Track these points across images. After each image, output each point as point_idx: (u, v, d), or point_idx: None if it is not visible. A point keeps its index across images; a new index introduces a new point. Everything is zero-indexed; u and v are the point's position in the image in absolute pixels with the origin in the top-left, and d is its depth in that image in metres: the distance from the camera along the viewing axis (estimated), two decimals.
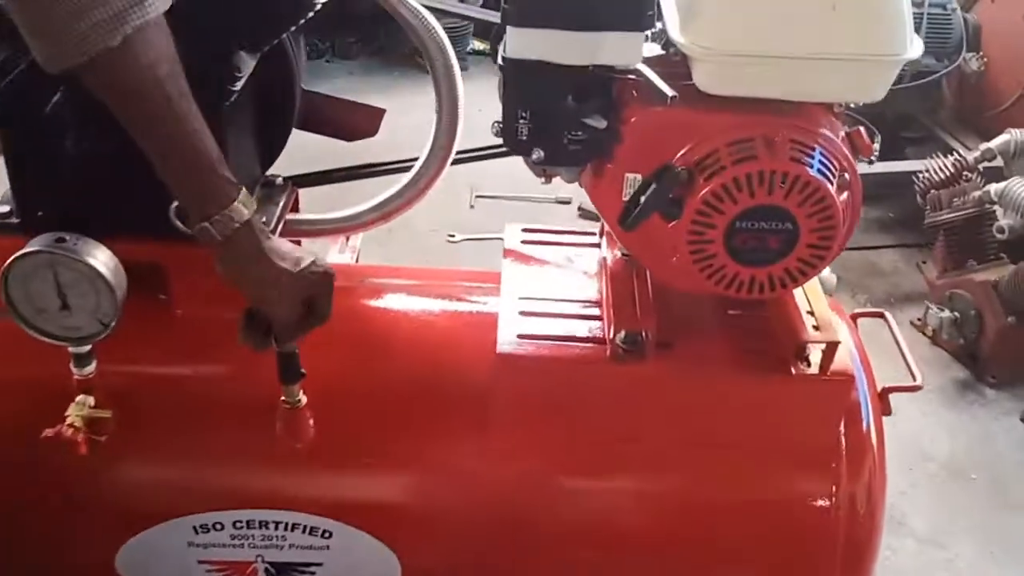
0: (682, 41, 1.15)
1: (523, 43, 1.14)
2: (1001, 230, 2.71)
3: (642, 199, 1.18)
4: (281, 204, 1.46)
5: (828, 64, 1.14)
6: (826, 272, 3.32)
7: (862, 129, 1.28)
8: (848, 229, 1.27)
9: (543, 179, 1.29)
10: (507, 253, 1.55)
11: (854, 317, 1.63)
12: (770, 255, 1.21)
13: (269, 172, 1.50)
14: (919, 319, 3.00)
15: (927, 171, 3.03)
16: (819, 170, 1.18)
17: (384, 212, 1.47)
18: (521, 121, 1.19)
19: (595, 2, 1.11)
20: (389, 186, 1.47)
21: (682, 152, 1.20)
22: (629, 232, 1.21)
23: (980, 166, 2.98)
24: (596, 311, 1.41)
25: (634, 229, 1.20)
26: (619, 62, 1.15)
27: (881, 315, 1.65)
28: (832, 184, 1.18)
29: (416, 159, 1.45)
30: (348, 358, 1.40)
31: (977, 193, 2.82)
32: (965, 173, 2.95)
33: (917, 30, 3.50)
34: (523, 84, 1.17)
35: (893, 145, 3.76)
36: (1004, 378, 2.81)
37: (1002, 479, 2.51)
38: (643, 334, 1.33)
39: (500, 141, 1.24)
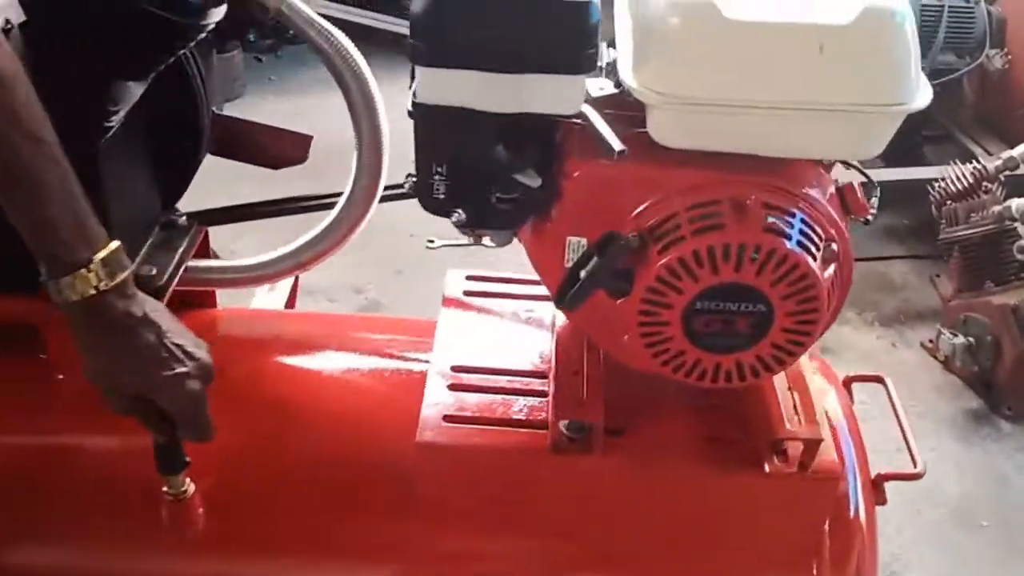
0: (634, 85, 0.93)
1: (437, 87, 0.93)
2: (1022, 250, 2.48)
3: (582, 274, 0.97)
4: (181, 249, 1.26)
5: (813, 116, 0.92)
6: None
7: (856, 184, 1.06)
8: (835, 309, 1.05)
9: (471, 239, 1.08)
10: (446, 303, 1.34)
11: (847, 382, 1.42)
12: (738, 340, 1.01)
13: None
14: (931, 340, 2.78)
15: (943, 180, 2.79)
16: (799, 242, 0.96)
17: (299, 261, 1.27)
18: (437, 177, 0.98)
19: (523, 40, 0.89)
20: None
21: (633, 215, 1.00)
22: (568, 312, 1.00)
23: (1001, 176, 2.74)
24: (541, 384, 1.20)
25: (573, 309, 0.99)
26: (554, 110, 0.94)
27: (880, 380, 1.43)
28: (815, 258, 0.97)
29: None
30: (251, 431, 1.21)
31: (997, 208, 2.58)
32: (984, 184, 2.71)
33: (937, 24, 3.28)
34: (439, 134, 0.96)
35: (910, 144, 3.52)
36: (1021, 410, 2.59)
37: (1015, 526, 2.30)
38: (591, 419, 1.12)
39: None
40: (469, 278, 1.38)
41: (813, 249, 0.97)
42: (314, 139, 1.40)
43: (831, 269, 1.00)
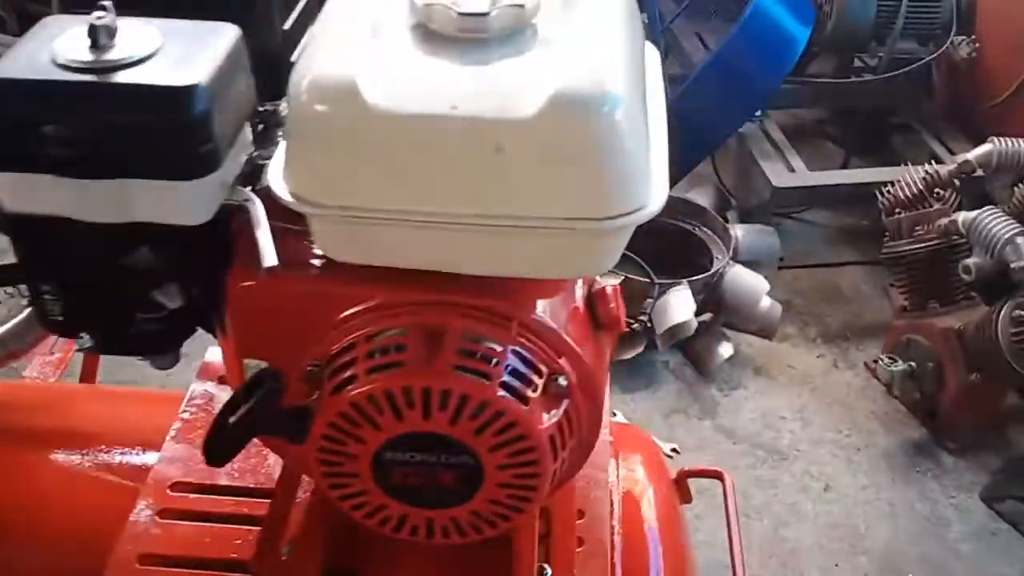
0: (279, 194, 0.72)
1: (17, 192, 0.72)
2: (967, 270, 2.23)
3: (231, 420, 0.77)
4: None
5: (496, 232, 0.71)
6: (767, 301, 2.86)
7: (611, 288, 0.85)
8: (582, 448, 0.84)
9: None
10: (196, 387, 1.15)
11: (681, 478, 1.21)
12: (447, 496, 0.80)
13: None
14: (876, 360, 2.54)
15: (893, 185, 2.53)
16: (505, 382, 0.75)
17: (7, 351, 1.07)
18: (48, 297, 0.77)
19: (102, 137, 0.68)
20: None
21: (312, 342, 0.79)
22: (217, 467, 0.80)
23: (956, 181, 2.48)
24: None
25: (221, 465, 0.79)
26: (168, 219, 0.73)
27: (718, 476, 1.22)
28: (526, 401, 0.76)
29: None
30: None
31: (943, 221, 2.33)
32: (936, 190, 2.45)
33: (897, 6, 3.01)
34: (36, 247, 0.75)
35: (876, 135, 3.26)
36: (966, 444, 2.36)
37: None
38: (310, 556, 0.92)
39: None
40: None
41: (527, 390, 0.76)
42: None
43: (561, 407, 0.79)
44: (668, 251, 2.70)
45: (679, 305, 2.48)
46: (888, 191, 2.55)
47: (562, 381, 0.78)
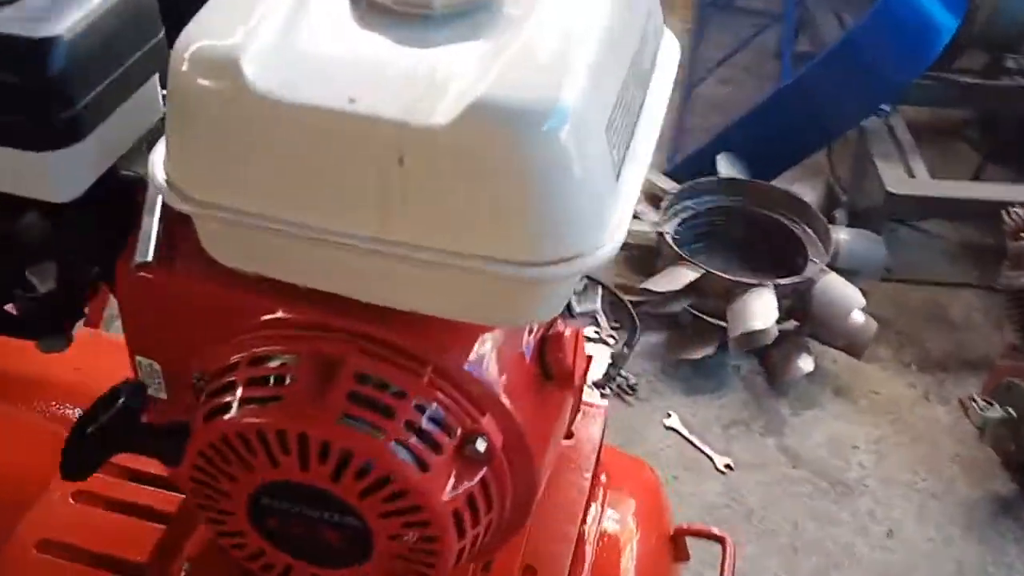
0: (155, 177, 0.59)
1: None
2: None
3: (89, 430, 0.66)
4: None
5: (390, 260, 0.56)
6: (861, 316, 2.60)
7: (569, 332, 0.69)
8: (509, 523, 0.70)
9: None
10: None
11: (678, 535, 1.05)
12: (333, 555, 0.67)
13: None
14: (972, 398, 2.28)
15: (1023, 206, 2.24)
16: (405, 441, 0.61)
17: None
18: None
19: None
20: None
21: (197, 351, 0.67)
22: (73, 481, 0.69)
23: None
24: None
25: (81, 479, 0.68)
26: (28, 192, 0.61)
27: (720, 540, 1.05)
28: (426, 467, 0.62)
29: None
30: None
31: None
32: None
33: None
34: None
35: (1019, 146, 2.92)
36: None
37: None
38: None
39: None
40: None
41: (430, 453, 0.62)
42: None
43: (476, 476, 0.65)
44: (760, 245, 2.49)
45: (760, 309, 2.27)
46: (1016, 212, 2.25)
47: (480, 445, 0.64)
